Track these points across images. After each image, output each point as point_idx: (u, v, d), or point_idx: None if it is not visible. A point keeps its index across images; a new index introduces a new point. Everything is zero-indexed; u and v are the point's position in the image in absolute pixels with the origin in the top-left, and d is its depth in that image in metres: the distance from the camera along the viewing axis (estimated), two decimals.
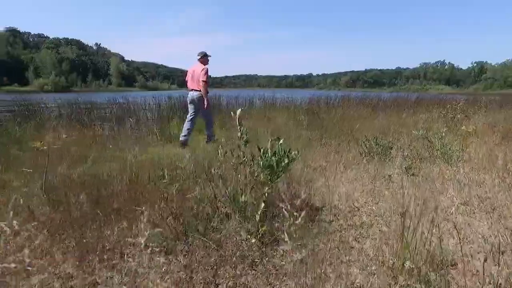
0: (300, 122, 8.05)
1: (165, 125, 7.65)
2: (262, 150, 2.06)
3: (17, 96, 10.00)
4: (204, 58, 5.82)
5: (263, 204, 1.77)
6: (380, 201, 2.59)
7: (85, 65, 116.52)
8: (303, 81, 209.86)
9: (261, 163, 1.97)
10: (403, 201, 2.24)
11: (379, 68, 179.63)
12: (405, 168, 3.44)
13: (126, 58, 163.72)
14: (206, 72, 5.61)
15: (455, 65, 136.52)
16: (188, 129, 5.75)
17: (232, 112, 2.27)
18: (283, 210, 1.19)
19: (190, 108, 5.87)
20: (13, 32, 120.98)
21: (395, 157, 4.13)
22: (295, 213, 1.19)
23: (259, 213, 1.78)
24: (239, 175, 2.16)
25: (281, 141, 2.17)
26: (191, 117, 5.83)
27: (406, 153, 4.17)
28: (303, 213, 1.18)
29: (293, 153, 2.18)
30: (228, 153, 2.27)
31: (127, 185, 2.53)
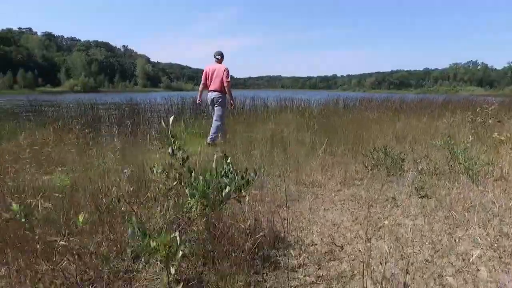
0: (309, 126, 7.39)
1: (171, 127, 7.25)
2: (193, 173, 1.50)
3: (39, 96, 10.01)
4: (222, 58, 5.80)
5: (180, 253, 1.21)
6: (374, 237, 1.95)
7: (113, 66, 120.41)
8: (327, 82, 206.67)
9: (188, 191, 1.41)
10: (405, 238, 1.60)
11: (406, 69, 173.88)
12: (415, 188, 2.75)
13: (152, 60, 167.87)
14: (228, 72, 5.66)
15: (488, 65, 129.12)
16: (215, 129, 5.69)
17: (163, 122, 1.72)
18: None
19: (211, 109, 5.78)
20: (48, 36, 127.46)
21: (408, 171, 3.42)
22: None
23: (174, 265, 1.23)
24: (164, 206, 1.60)
25: (228, 160, 1.58)
26: (214, 118, 5.74)
27: (421, 167, 3.45)
28: None
29: (250, 174, 1.59)
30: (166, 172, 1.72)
31: None
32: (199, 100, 6.08)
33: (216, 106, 5.65)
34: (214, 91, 5.58)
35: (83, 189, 2.21)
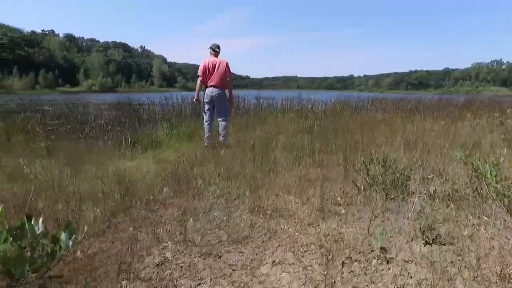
0: (308, 129, 6.49)
1: (152, 130, 6.53)
2: None
3: (57, 96, 9.54)
4: (220, 52, 5.20)
5: None
6: None
7: (130, 66, 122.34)
8: (344, 82, 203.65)
9: None
10: None
11: (425, 69, 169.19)
12: (422, 226, 1.82)
13: (168, 60, 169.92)
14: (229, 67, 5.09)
15: None
16: (209, 132, 5.13)
17: None
18: None
19: (208, 108, 5.10)
20: (69, 38, 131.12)
21: (414, 194, 2.49)
22: None
23: None
24: None
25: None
26: (210, 118, 5.13)
27: (434, 188, 2.51)
28: None
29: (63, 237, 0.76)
30: None
31: None
32: (197, 99, 5.27)
33: (219, 104, 5.03)
34: (215, 87, 4.92)
35: None
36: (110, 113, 8.98)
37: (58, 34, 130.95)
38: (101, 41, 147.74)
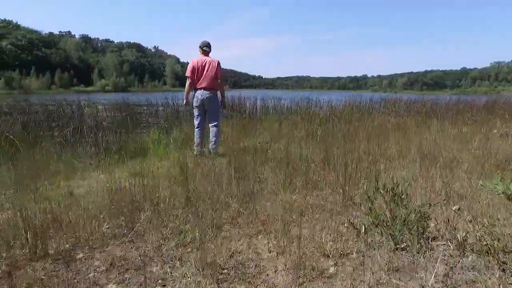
0: (308, 135, 5.80)
1: (144, 134, 5.97)
2: None
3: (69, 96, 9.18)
4: (211, 51, 4.65)
5: None
6: None
7: (143, 66, 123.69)
8: (357, 82, 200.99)
9: None
10: None
11: (441, 69, 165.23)
12: None
13: (181, 60, 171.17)
14: (221, 66, 4.52)
15: None
16: (200, 138, 4.57)
17: None
18: None
19: (198, 113, 4.57)
20: (85, 39, 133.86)
21: (436, 241, 1.79)
22: None
23: None
24: None
25: None
26: (200, 124, 4.59)
27: (463, 233, 1.80)
28: None
29: None
30: None
31: None
32: (187, 102, 4.70)
33: (210, 108, 4.50)
34: (205, 89, 4.42)
35: None
36: (103, 114, 8.51)
37: (74, 35, 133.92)
38: (115, 41, 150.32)
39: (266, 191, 2.81)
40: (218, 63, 4.41)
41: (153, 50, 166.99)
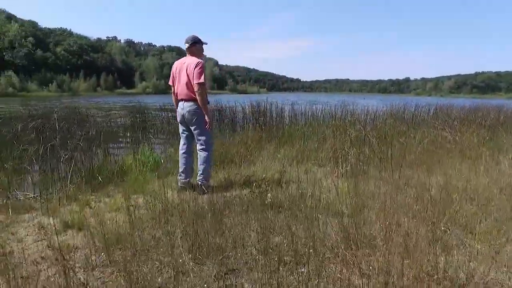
0: (334, 159, 4.52)
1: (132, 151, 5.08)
2: None
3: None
4: (195, 47, 3.45)
5: None
6: None
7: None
8: (399, 86, 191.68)
9: None
10: None
11: (494, 70, 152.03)
12: None
13: (220, 63, 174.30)
14: (201, 69, 3.27)
15: None
16: (184, 165, 3.49)
17: None
18: None
19: (182, 131, 3.55)
20: (129, 43, 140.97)
21: None
22: None
23: None
24: None
25: None
26: (185, 145, 3.53)
27: None
28: None
29: None
30: None
31: None
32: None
33: (193, 125, 3.38)
34: (185, 100, 3.36)
35: None
36: (107, 121, 7.84)
37: (120, 40, 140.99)
38: (157, 45, 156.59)
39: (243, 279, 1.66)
40: (196, 65, 3.23)
41: (206, 56, 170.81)
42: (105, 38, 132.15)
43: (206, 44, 3.57)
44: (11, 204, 2.85)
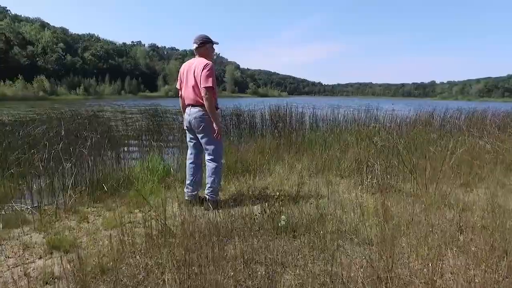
0: (356, 171, 4.08)
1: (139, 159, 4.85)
2: None
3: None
4: (205, 47, 3.12)
5: None
6: None
7: None
8: (424, 89, 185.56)
9: None
10: None
11: None
12: None
13: (241, 66, 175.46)
14: (210, 71, 2.92)
15: None
16: (192, 176, 3.17)
17: None
18: None
19: (190, 139, 3.22)
20: (153, 48, 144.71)
21: None
22: None
23: None
24: None
25: None
26: (193, 155, 3.22)
27: None
28: None
29: None
30: None
31: None
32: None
33: (201, 133, 3.06)
34: (192, 106, 3.06)
35: None
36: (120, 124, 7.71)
37: (144, 44, 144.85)
38: (180, 49, 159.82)
39: None
40: (204, 67, 2.90)
41: (214, 57, 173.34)
42: (130, 43, 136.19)
43: (217, 43, 3.28)
44: (4, 217, 2.64)
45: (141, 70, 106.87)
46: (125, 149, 5.90)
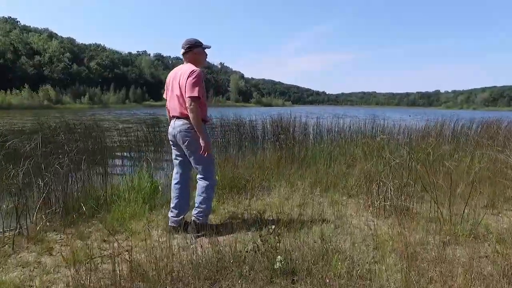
0: (365, 192, 3.63)
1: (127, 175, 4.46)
2: None
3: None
4: (193, 52, 2.74)
5: None
6: None
7: (209, 82, 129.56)
8: (428, 99, 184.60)
9: None
10: None
11: None
12: None
13: (245, 76, 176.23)
14: (196, 79, 2.52)
15: None
16: (177, 199, 2.73)
17: None
18: None
19: (176, 156, 2.80)
20: (158, 57, 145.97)
21: None
22: None
23: None
24: None
25: None
26: (179, 174, 2.79)
27: None
28: None
29: None
30: None
31: None
32: None
33: (187, 148, 2.65)
34: (176, 118, 2.68)
35: None
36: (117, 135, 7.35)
37: (150, 54, 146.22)
38: None
39: None
40: (191, 73, 2.52)
41: (219, 66, 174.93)
42: (136, 52, 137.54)
43: (209, 47, 2.89)
44: None
45: (146, 79, 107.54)
46: (115, 161, 5.52)
